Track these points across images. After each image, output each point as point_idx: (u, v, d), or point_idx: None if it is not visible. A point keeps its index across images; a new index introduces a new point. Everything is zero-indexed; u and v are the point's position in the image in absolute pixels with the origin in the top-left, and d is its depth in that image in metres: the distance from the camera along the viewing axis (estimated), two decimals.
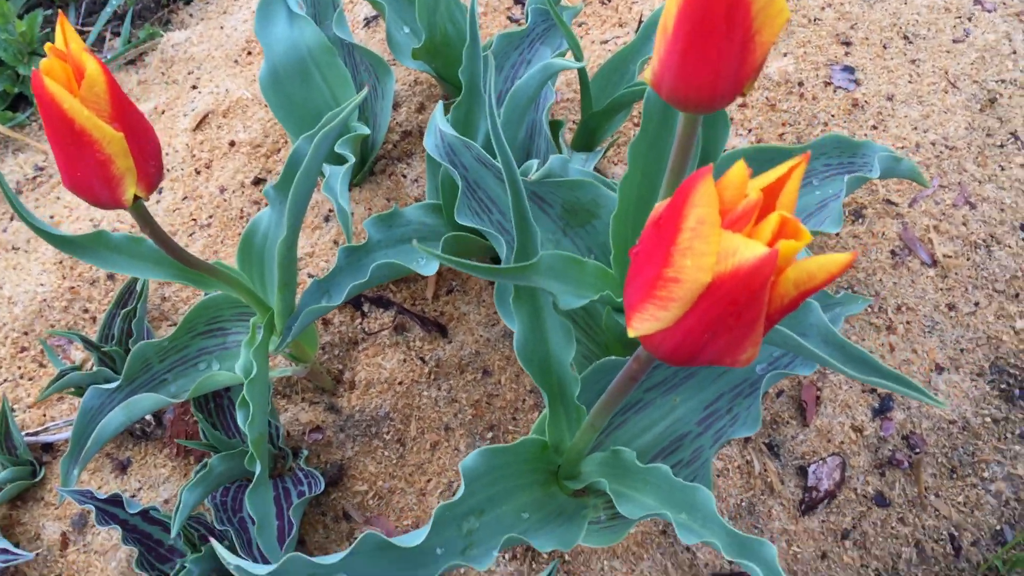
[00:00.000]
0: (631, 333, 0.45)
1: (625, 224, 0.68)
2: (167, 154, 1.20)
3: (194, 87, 1.29)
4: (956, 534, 0.95)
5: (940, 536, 0.95)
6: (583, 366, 0.78)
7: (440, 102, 0.77)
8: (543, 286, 0.57)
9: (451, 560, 0.62)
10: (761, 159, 0.93)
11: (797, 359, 0.72)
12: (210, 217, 1.12)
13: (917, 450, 0.96)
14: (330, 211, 1.10)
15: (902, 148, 1.08)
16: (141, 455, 0.98)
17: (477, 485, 0.64)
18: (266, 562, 0.82)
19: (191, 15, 1.47)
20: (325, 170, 0.92)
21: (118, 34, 1.50)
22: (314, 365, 0.94)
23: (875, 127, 1.10)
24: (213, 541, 0.57)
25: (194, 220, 1.12)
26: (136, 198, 0.61)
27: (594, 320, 0.85)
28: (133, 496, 0.96)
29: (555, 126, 1.01)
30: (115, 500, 0.89)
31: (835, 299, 0.77)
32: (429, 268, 0.86)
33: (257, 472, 0.78)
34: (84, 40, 1.52)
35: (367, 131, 0.98)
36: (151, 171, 0.61)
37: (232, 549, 0.86)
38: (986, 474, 0.97)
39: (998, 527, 0.96)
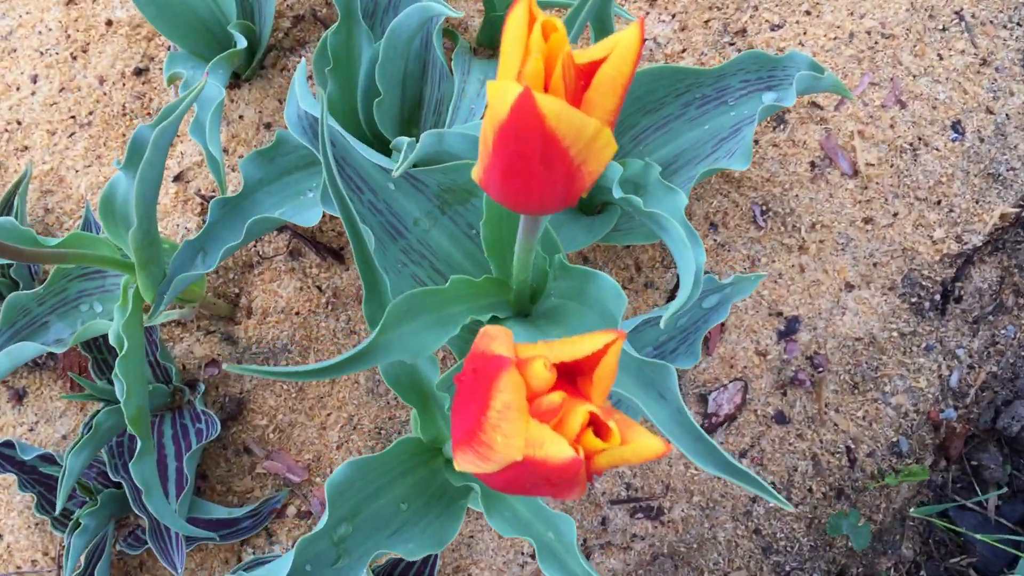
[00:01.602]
0: (456, 467, 0.44)
1: (498, 227, 0.62)
2: (39, 32, 1.09)
3: None
4: (852, 446, 0.97)
5: (837, 449, 0.97)
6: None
7: (302, 61, 0.69)
8: (392, 358, 0.53)
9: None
10: (670, 80, 0.86)
11: (679, 350, 0.70)
12: (90, 114, 1.04)
13: (820, 369, 0.96)
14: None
15: (835, 39, 1.00)
16: (37, 385, 0.97)
17: (343, 498, 0.63)
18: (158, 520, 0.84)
19: None
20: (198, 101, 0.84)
21: None
22: (204, 298, 0.91)
23: (808, 12, 1.01)
24: None
25: (73, 118, 1.04)
26: None
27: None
28: (31, 430, 0.95)
29: (451, 35, 0.92)
30: (7, 444, 0.88)
31: (724, 284, 0.74)
32: (311, 218, 0.81)
33: (139, 446, 0.77)
34: None
35: (244, 44, 0.88)
36: None
37: (125, 499, 0.87)
38: (887, 388, 0.97)
39: (895, 439, 0.98)
